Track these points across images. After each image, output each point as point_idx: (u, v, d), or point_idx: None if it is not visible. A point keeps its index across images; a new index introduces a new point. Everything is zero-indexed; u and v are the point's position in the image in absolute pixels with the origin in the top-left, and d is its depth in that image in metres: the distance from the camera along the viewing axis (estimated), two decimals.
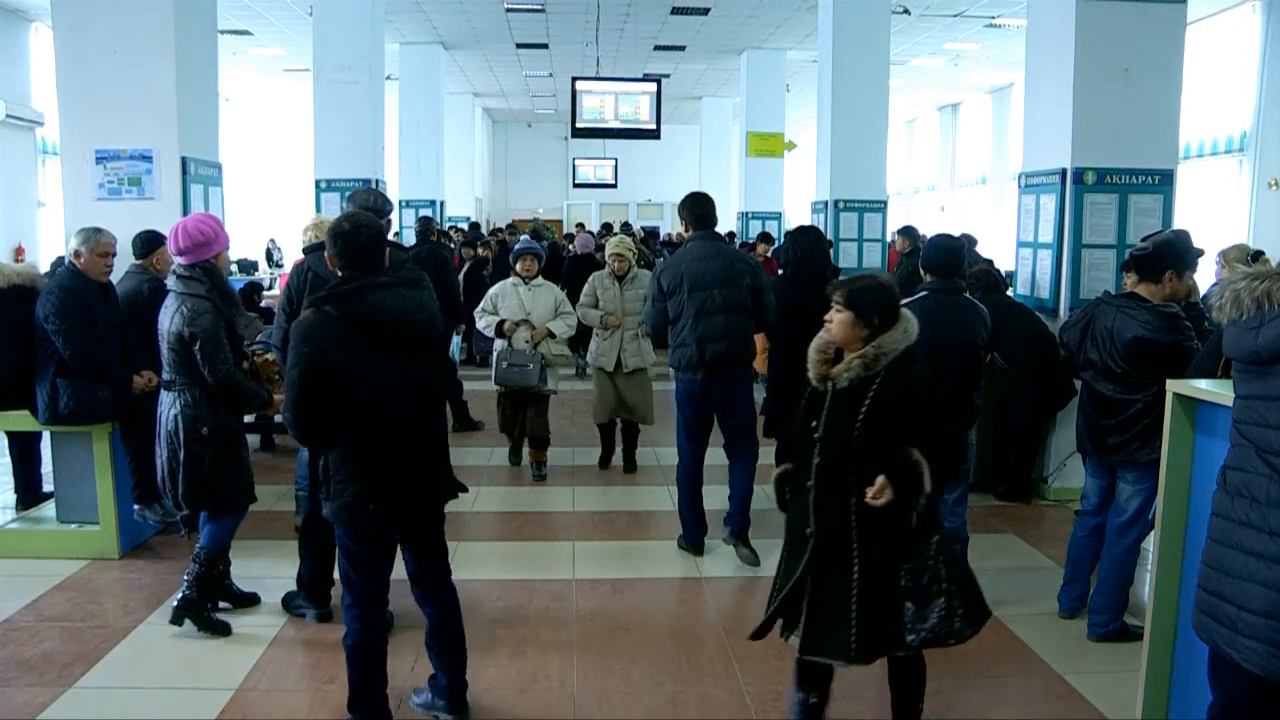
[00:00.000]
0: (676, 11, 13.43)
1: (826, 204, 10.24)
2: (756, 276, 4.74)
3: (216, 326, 3.85)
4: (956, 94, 20.51)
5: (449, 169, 16.70)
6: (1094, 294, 5.05)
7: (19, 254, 11.99)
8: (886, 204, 10.60)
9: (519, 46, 15.86)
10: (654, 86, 13.24)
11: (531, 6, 13.16)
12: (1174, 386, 3.04)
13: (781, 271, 5.53)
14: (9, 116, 11.85)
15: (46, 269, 6.54)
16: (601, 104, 13.19)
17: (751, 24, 14.04)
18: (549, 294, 6.23)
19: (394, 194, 13.45)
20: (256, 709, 3.37)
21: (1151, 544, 3.47)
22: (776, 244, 11.36)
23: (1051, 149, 5.86)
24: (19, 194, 12.51)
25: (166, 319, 3.87)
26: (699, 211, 4.84)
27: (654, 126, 13.17)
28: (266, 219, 18.77)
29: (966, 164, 21.45)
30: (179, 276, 3.90)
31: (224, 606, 4.12)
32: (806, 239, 5.08)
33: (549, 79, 18.87)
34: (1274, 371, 2.22)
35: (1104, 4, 5.59)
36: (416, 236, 9.40)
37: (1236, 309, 2.29)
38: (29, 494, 5.46)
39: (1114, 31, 5.60)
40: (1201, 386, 2.98)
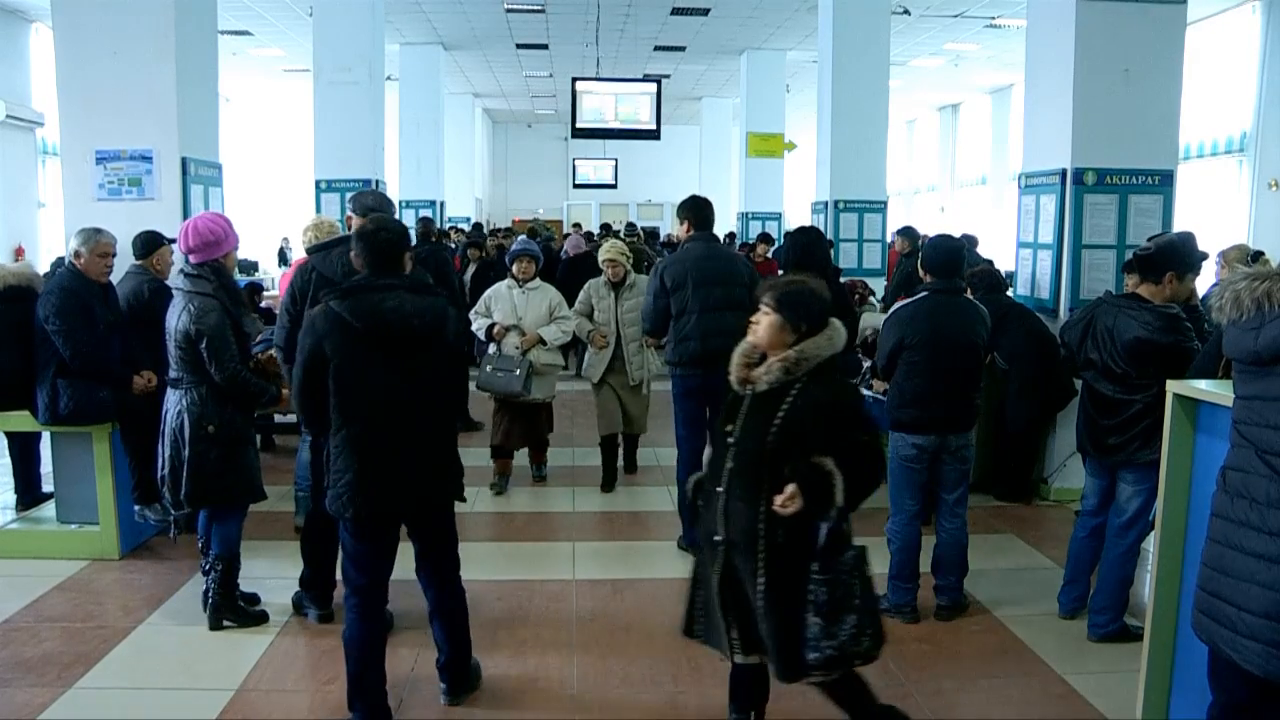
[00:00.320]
0: (676, 12, 13.43)
1: (826, 204, 10.24)
2: (755, 276, 4.76)
3: (223, 325, 3.86)
4: (956, 94, 20.51)
5: (449, 169, 16.69)
6: (1094, 294, 5.05)
7: (19, 254, 11.98)
8: (886, 204, 10.60)
9: (519, 47, 15.86)
10: (654, 87, 13.21)
11: (531, 7, 13.16)
12: (1174, 387, 3.04)
13: (781, 272, 5.54)
14: (9, 117, 11.85)
15: (46, 269, 6.54)
16: (601, 104, 13.16)
17: (751, 24, 14.04)
18: (544, 298, 5.91)
19: (394, 194, 13.44)
20: (257, 709, 3.38)
21: (1151, 544, 3.47)
22: (776, 245, 11.36)
23: (1051, 149, 5.86)
24: (19, 194, 12.51)
25: (174, 317, 3.89)
26: (701, 214, 4.91)
27: (654, 127, 13.15)
28: (277, 219, 18.80)
29: (966, 164, 21.44)
30: (187, 275, 3.92)
31: None
32: (806, 239, 5.09)
33: (549, 79, 18.87)
34: (1274, 372, 2.23)
35: (1104, 4, 5.59)
36: (417, 238, 9.36)
37: (1237, 309, 2.29)
38: (29, 494, 5.46)
39: (1114, 32, 5.60)
40: (1201, 387, 2.98)
